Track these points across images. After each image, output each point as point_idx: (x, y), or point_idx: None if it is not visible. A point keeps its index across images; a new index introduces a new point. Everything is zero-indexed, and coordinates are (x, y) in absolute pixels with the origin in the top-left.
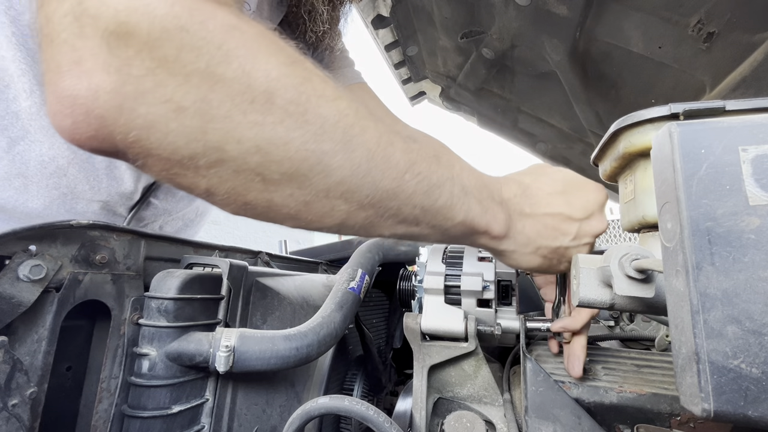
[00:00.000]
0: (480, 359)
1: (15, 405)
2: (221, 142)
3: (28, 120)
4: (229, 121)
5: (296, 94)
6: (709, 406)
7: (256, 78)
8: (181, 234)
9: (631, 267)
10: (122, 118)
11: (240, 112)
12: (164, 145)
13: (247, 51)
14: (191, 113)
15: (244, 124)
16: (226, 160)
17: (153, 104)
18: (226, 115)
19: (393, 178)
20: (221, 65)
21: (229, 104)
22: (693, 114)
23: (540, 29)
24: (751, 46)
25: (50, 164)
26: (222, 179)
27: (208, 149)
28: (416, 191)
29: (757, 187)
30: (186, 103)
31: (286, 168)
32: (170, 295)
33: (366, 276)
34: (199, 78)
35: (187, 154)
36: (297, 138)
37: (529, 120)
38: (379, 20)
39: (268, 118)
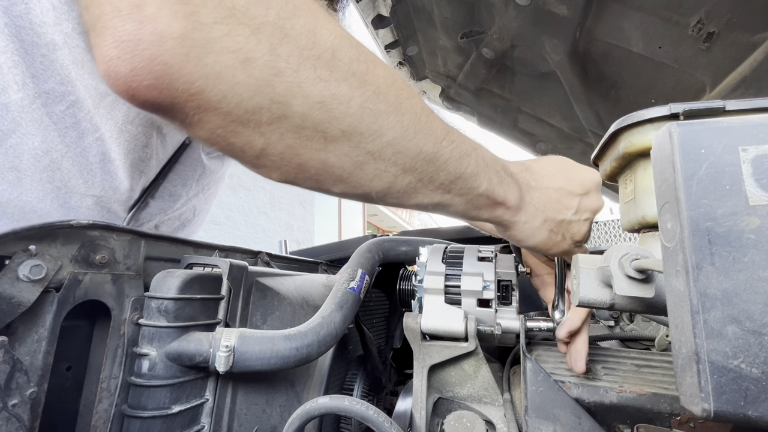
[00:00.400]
0: (480, 359)
1: (15, 405)
2: (287, 96)
3: (18, 113)
4: (296, 76)
5: (357, 54)
6: (709, 406)
7: (321, 35)
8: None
9: (631, 267)
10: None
11: (307, 67)
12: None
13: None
14: (260, 65)
15: (311, 79)
16: (289, 115)
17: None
18: (294, 69)
19: (434, 143)
20: (290, 20)
21: (297, 58)
22: (693, 114)
23: (540, 29)
24: (751, 46)
25: (44, 157)
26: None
27: (273, 103)
28: (451, 157)
29: (757, 187)
30: (255, 55)
31: (346, 125)
32: (170, 295)
33: (366, 276)
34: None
35: (251, 108)
36: (358, 96)
37: (529, 120)
38: (379, 20)
39: (333, 75)
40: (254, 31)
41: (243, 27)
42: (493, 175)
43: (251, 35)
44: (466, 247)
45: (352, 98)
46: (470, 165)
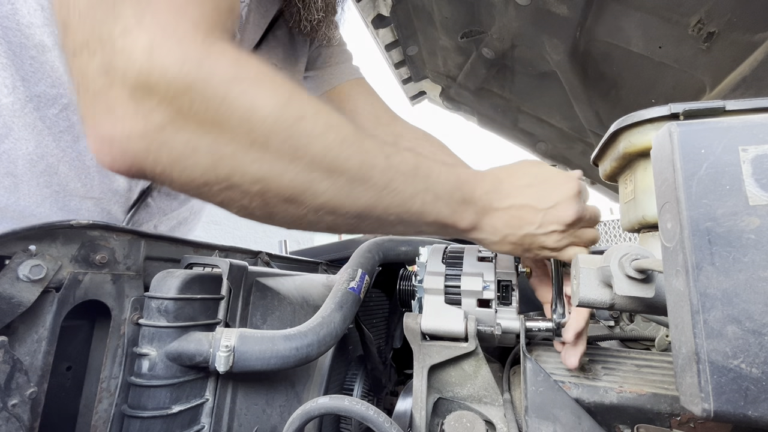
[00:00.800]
0: (480, 359)
1: (15, 405)
2: (229, 174)
3: (10, 117)
4: (234, 159)
5: (288, 135)
6: (709, 406)
7: (255, 123)
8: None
9: (631, 267)
10: (150, 157)
11: (242, 151)
12: (184, 176)
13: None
14: (204, 152)
15: (247, 161)
16: (233, 186)
17: (174, 146)
18: (232, 154)
19: (371, 195)
20: (225, 115)
21: (234, 145)
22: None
23: (540, 29)
24: (751, 46)
25: (39, 162)
26: (232, 199)
27: (218, 179)
28: (392, 203)
29: (757, 187)
30: (200, 145)
31: (281, 194)
32: (170, 295)
33: (366, 276)
34: (210, 125)
35: (202, 183)
36: (290, 171)
37: (529, 120)
38: (379, 20)
39: (265, 156)
40: (198, 126)
41: (189, 124)
42: (444, 207)
43: (195, 130)
44: (466, 247)
45: (284, 173)
46: (414, 205)
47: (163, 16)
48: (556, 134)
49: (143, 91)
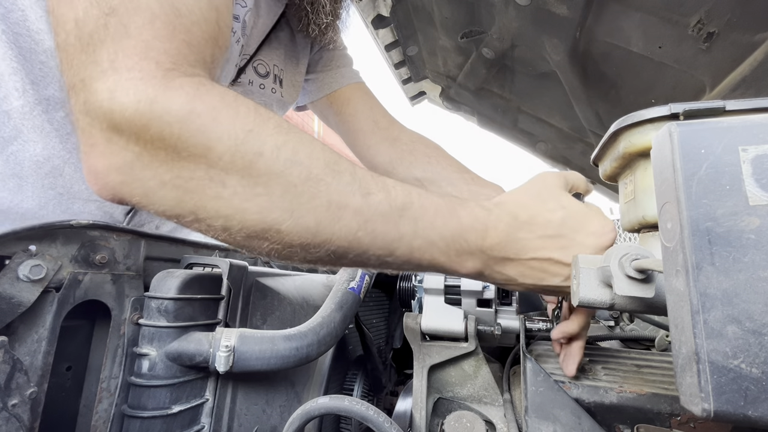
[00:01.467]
0: (480, 359)
1: (15, 405)
2: (193, 209)
3: (20, 119)
4: (196, 194)
5: (246, 173)
6: (709, 406)
7: (210, 159)
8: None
9: (631, 267)
10: (125, 189)
11: (202, 187)
12: (157, 206)
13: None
14: (170, 187)
15: (207, 197)
16: (200, 220)
17: (144, 180)
18: (193, 189)
19: (344, 236)
20: (182, 151)
21: (194, 181)
22: (693, 114)
23: (540, 29)
24: (751, 46)
25: (45, 164)
26: (203, 230)
27: (186, 212)
28: (371, 246)
29: (757, 187)
30: (165, 179)
31: (244, 230)
32: (170, 295)
33: (366, 276)
34: (171, 161)
35: (174, 215)
36: (249, 209)
37: (529, 120)
38: (379, 20)
39: (223, 193)
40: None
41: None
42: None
43: (160, 165)
44: None
45: (245, 210)
46: (400, 249)
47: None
48: (556, 134)
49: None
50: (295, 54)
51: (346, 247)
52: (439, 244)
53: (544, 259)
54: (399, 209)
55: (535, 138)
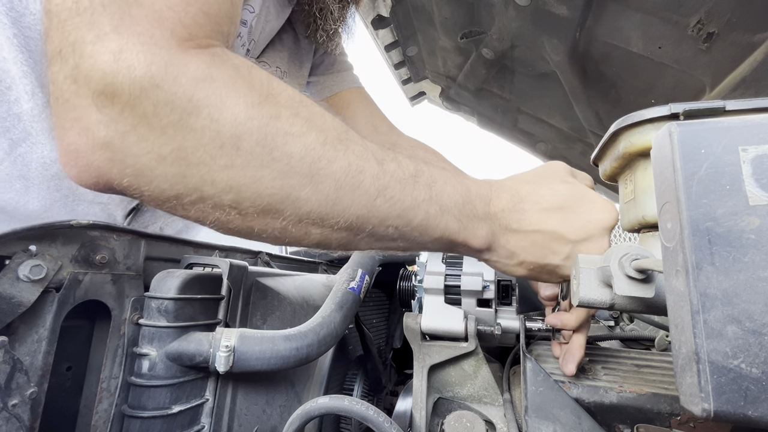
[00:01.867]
0: (480, 359)
1: (15, 405)
2: (198, 184)
3: (29, 122)
4: (203, 166)
5: (261, 136)
6: (709, 406)
7: (223, 124)
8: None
9: (631, 267)
10: (115, 168)
11: (211, 157)
12: (152, 188)
13: (216, 99)
14: (170, 161)
15: (216, 168)
16: (205, 198)
17: (138, 155)
18: (199, 161)
19: (363, 204)
20: (192, 116)
21: (201, 151)
22: (693, 114)
23: (540, 29)
24: (751, 46)
25: (52, 166)
26: (207, 213)
27: (188, 190)
28: (389, 214)
29: (757, 187)
30: (165, 153)
31: (257, 203)
32: (170, 295)
33: (366, 276)
34: (174, 129)
35: (173, 195)
36: (265, 176)
37: (529, 120)
38: (379, 20)
39: (236, 161)
40: (161, 132)
41: (152, 131)
42: (453, 222)
43: (159, 136)
44: None
45: (259, 179)
46: (417, 217)
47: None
48: (556, 134)
49: (106, 97)
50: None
51: (365, 217)
52: (453, 210)
53: (547, 232)
54: (413, 175)
55: (535, 138)
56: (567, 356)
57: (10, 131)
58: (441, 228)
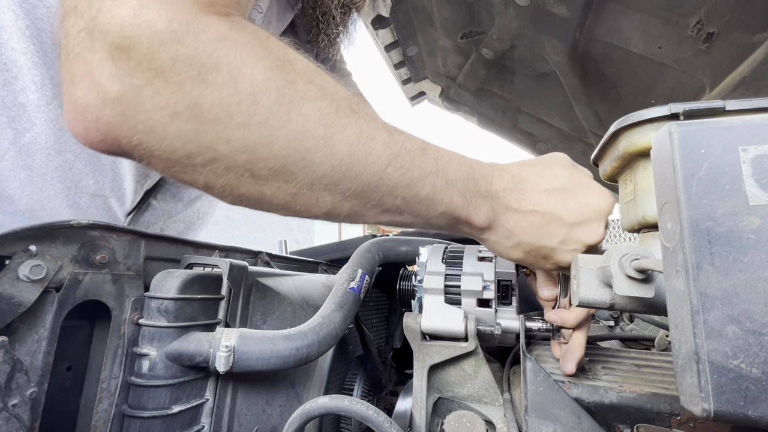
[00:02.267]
0: (480, 359)
1: (15, 405)
2: (213, 142)
3: (35, 112)
4: (218, 123)
5: (279, 96)
6: (709, 406)
7: (242, 82)
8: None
9: (631, 267)
10: (126, 124)
11: (228, 114)
12: (163, 146)
13: (236, 58)
14: (185, 117)
15: (232, 126)
16: (218, 158)
17: (151, 111)
18: (215, 117)
19: (374, 171)
20: (211, 72)
21: (218, 107)
22: (693, 114)
23: (540, 29)
24: (751, 46)
25: (56, 157)
26: (217, 175)
27: (201, 149)
28: (398, 184)
29: (757, 187)
30: (180, 108)
31: (272, 164)
32: (170, 295)
33: (366, 276)
34: (192, 84)
35: (185, 154)
36: (281, 137)
37: (529, 120)
38: (379, 20)
39: (253, 119)
40: (178, 87)
41: (168, 85)
42: (457, 197)
43: (175, 91)
44: (466, 247)
45: (274, 139)
46: (424, 189)
47: None
48: (556, 134)
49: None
50: None
51: (375, 185)
52: (458, 185)
53: (546, 212)
54: (421, 148)
55: (535, 138)
56: (567, 355)
57: (15, 121)
58: (446, 202)
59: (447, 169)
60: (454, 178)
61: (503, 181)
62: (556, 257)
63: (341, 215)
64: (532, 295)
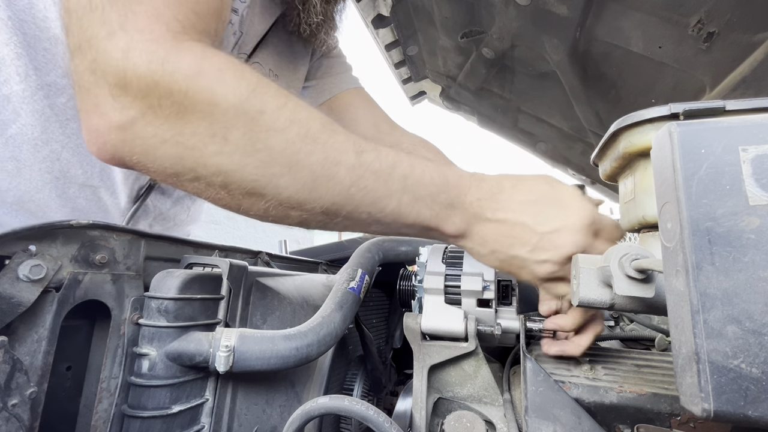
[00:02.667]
0: (480, 359)
1: (15, 405)
2: (194, 165)
3: (19, 103)
4: (197, 150)
5: (247, 130)
6: (709, 406)
7: (215, 116)
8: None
9: (631, 267)
10: (126, 147)
11: (203, 144)
12: (156, 165)
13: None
14: (171, 144)
15: (208, 153)
16: (199, 177)
17: (145, 138)
18: (194, 146)
19: (337, 192)
20: (188, 108)
21: (196, 138)
22: (693, 114)
23: (540, 29)
24: (751, 46)
25: (44, 148)
26: (201, 189)
27: (186, 170)
28: (363, 202)
29: (757, 187)
30: (167, 137)
31: (243, 186)
32: (170, 295)
33: (366, 276)
34: (174, 118)
35: (173, 172)
36: (249, 164)
37: (529, 120)
38: (379, 20)
39: (225, 149)
40: (165, 120)
41: (157, 118)
42: (425, 209)
43: (163, 123)
44: None
45: (244, 166)
46: (390, 205)
47: (140, 21)
48: (556, 134)
49: (119, 88)
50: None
51: (339, 204)
52: (426, 199)
53: (516, 222)
54: (390, 167)
55: (535, 138)
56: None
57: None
58: (413, 215)
59: (416, 184)
60: (424, 193)
61: (479, 192)
62: (529, 268)
63: (312, 226)
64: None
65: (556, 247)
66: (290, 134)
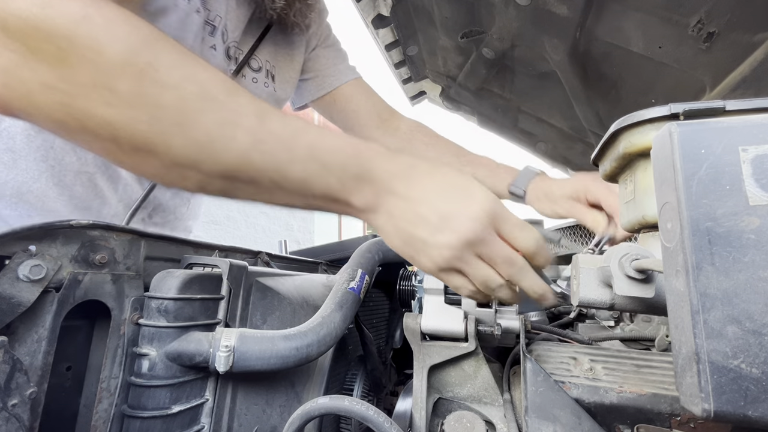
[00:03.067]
0: (480, 359)
1: (15, 405)
2: (79, 115)
3: None
4: (82, 99)
5: (136, 83)
6: (709, 406)
7: (100, 65)
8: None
9: (631, 267)
10: (8, 93)
11: (89, 93)
12: (40, 113)
13: (92, 40)
14: (55, 91)
15: (93, 104)
16: (86, 129)
17: (27, 83)
18: (78, 94)
19: (236, 155)
20: (71, 54)
21: (80, 86)
22: (693, 114)
23: (540, 29)
24: (751, 46)
25: (36, 137)
26: (89, 142)
27: (71, 119)
28: (265, 168)
29: (757, 187)
30: (50, 83)
31: (133, 142)
32: (170, 295)
33: (366, 276)
34: (57, 64)
35: (59, 121)
36: (137, 119)
37: (529, 120)
38: (379, 20)
39: (112, 100)
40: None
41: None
42: (332, 179)
43: (44, 67)
44: None
45: (132, 121)
46: (294, 172)
47: None
48: (556, 134)
49: (2, 31)
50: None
51: (239, 168)
52: (335, 169)
53: (424, 201)
54: (295, 132)
55: (535, 138)
56: None
57: None
58: (322, 185)
59: (324, 153)
60: (332, 162)
61: (392, 166)
62: (428, 251)
63: (213, 191)
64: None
65: (453, 230)
66: (184, 92)
